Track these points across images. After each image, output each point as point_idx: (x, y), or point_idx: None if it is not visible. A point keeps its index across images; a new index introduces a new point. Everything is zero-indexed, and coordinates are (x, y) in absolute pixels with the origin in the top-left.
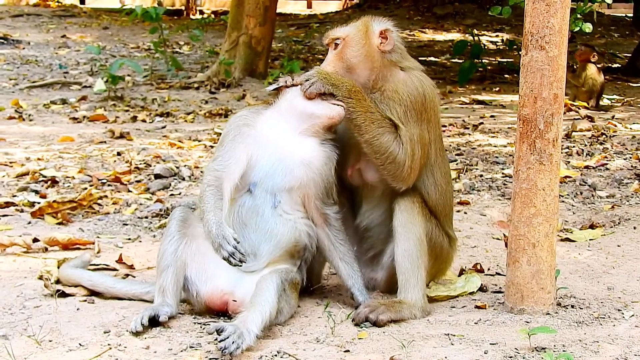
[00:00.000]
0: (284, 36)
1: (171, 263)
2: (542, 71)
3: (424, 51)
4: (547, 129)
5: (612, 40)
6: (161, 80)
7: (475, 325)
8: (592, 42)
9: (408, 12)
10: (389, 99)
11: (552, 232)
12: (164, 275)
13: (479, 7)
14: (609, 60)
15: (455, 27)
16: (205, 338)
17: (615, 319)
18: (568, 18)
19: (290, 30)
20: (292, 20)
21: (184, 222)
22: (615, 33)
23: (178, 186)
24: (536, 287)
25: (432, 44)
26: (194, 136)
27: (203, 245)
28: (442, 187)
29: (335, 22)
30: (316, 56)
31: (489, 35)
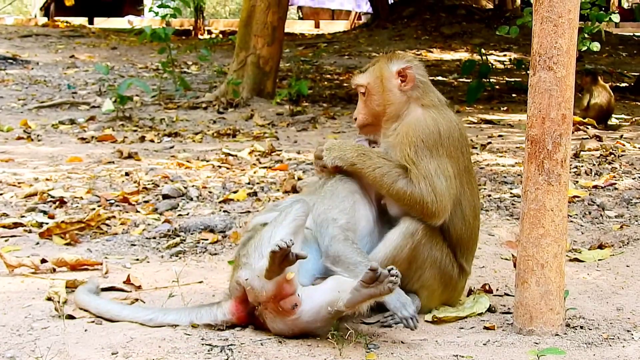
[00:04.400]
0: (291, 56)
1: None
2: (550, 92)
3: (432, 70)
4: (555, 150)
5: (620, 60)
6: (169, 100)
7: (484, 346)
8: (600, 61)
9: (416, 32)
10: (401, 143)
11: (561, 253)
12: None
13: (486, 26)
14: (616, 80)
15: (463, 46)
16: (212, 359)
17: (624, 339)
18: (576, 39)
19: (298, 50)
20: (299, 40)
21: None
22: (623, 52)
23: (186, 206)
24: (545, 308)
25: (440, 63)
26: (202, 156)
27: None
28: (469, 222)
29: (342, 41)
30: (324, 76)
31: (497, 55)
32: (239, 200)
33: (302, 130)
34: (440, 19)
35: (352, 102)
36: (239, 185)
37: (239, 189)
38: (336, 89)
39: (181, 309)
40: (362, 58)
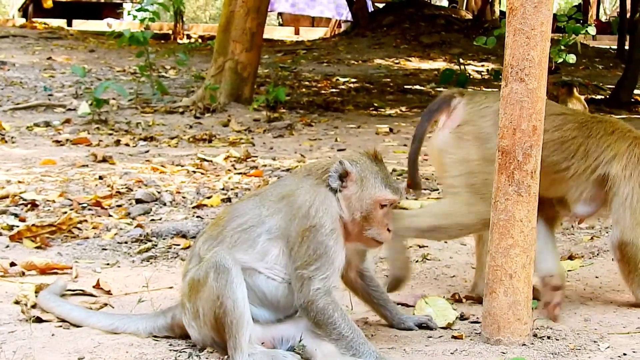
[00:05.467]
0: (270, 62)
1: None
2: (521, 103)
3: (410, 80)
4: (525, 161)
5: (597, 72)
6: (146, 104)
7: (452, 355)
8: (576, 73)
9: (395, 41)
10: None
11: (529, 263)
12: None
13: (465, 36)
14: (592, 92)
15: (442, 56)
16: None
17: (591, 350)
18: (548, 51)
19: (277, 56)
20: (279, 46)
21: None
22: (600, 65)
23: (159, 211)
24: (513, 317)
25: (418, 72)
26: (177, 161)
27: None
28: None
29: (322, 49)
30: (302, 83)
31: (475, 65)
32: (212, 206)
33: (278, 137)
34: (419, 28)
35: (329, 109)
36: (213, 191)
37: (213, 194)
38: (314, 96)
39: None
40: (341, 65)
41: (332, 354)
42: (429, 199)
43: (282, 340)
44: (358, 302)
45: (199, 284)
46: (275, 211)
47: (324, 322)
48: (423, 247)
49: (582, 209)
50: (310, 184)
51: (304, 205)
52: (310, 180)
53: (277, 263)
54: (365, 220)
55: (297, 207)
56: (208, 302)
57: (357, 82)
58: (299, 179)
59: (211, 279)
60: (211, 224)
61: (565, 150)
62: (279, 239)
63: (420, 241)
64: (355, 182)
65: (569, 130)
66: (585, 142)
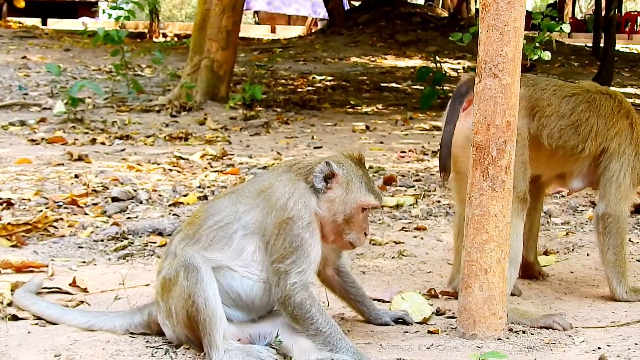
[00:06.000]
0: (246, 60)
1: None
2: (495, 99)
3: (386, 77)
4: (499, 156)
5: (572, 69)
6: (122, 103)
7: (428, 350)
8: (552, 71)
9: (371, 39)
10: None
11: (504, 258)
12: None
13: (441, 34)
14: None
15: (418, 53)
16: None
17: (565, 344)
18: (521, 47)
19: (254, 54)
20: (255, 44)
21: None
22: (575, 62)
23: (135, 209)
24: (488, 312)
25: (395, 70)
26: (153, 159)
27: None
28: None
29: (298, 47)
30: (278, 81)
31: (451, 63)
32: (189, 203)
33: (255, 135)
34: (395, 26)
35: (305, 107)
36: (189, 189)
37: (189, 192)
38: (290, 94)
39: (121, 315)
40: (317, 64)
41: (309, 350)
42: (405, 195)
43: (259, 337)
44: (334, 299)
45: (171, 283)
46: (252, 206)
47: (301, 317)
48: (399, 244)
49: (577, 184)
50: (289, 178)
51: (282, 197)
52: (290, 175)
53: (254, 260)
54: (345, 223)
55: (274, 199)
56: (180, 301)
57: (333, 80)
58: (278, 173)
59: (181, 278)
60: (187, 222)
61: (581, 134)
62: (255, 234)
63: (396, 237)
64: (341, 184)
65: (582, 112)
66: (596, 123)
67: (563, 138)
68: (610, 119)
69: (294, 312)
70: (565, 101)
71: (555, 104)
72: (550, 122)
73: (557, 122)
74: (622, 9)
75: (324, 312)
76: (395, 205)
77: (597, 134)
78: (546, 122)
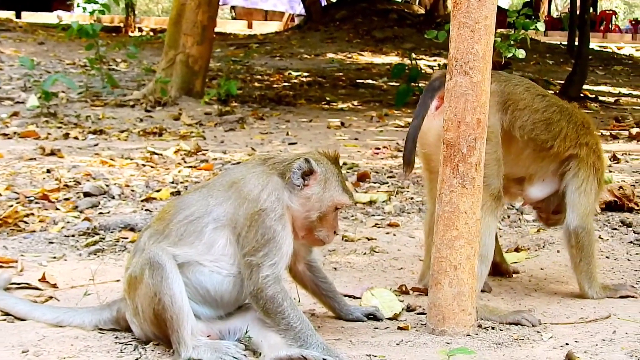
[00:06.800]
0: (222, 56)
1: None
2: (465, 96)
3: (362, 74)
4: (470, 153)
5: (547, 68)
6: (96, 97)
7: (397, 346)
8: (527, 68)
9: (347, 35)
10: None
11: (474, 255)
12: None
13: (417, 31)
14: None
15: (394, 50)
16: (125, 358)
17: (534, 340)
18: (492, 44)
19: (230, 50)
20: (231, 40)
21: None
22: (550, 60)
23: (107, 205)
24: (457, 308)
25: (371, 66)
26: (126, 154)
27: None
28: None
29: (274, 43)
30: (254, 76)
31: (427, 60)
32: (161, 199)
33: (229, 131)
34: (372, 22)
35: (281, 103)
36: (162, 184)
37: (163, 188)
38: (266, 89)
39: (90, 311)
40: (294, 59)
41: (278, 345)
42: (378, 192)
43: (229, 333)
44: (305, 295)
45: (137, 280)
46: (223, 199)
47: (272, 311)
48: (371, 240)
49: (535, 192)
50: (262, 171)
51: (255, 189)
52: (263, 168)
53: (224, 254)
54: (318, 220)
55: (247, 191)
56: (146, 299)
57: (309, 76)
58: (251, 166)
59: (147, 276)
60: (156, 217)
61: (552, 131)
62: (226, 227)
63: (369, 234)
64: (318, 182)
65: (555, 113)
66: (567, 126)
67: (535, 131)
68: (580, 128)
69: (265, 306)
70: (539, 98)
71: (529, 99)
72: (523, 114)
73: (530, 115)
74: (598, 7)
75: (295, 307)
76: (368, 202)
77: (567, 137)
78: (519, 114)
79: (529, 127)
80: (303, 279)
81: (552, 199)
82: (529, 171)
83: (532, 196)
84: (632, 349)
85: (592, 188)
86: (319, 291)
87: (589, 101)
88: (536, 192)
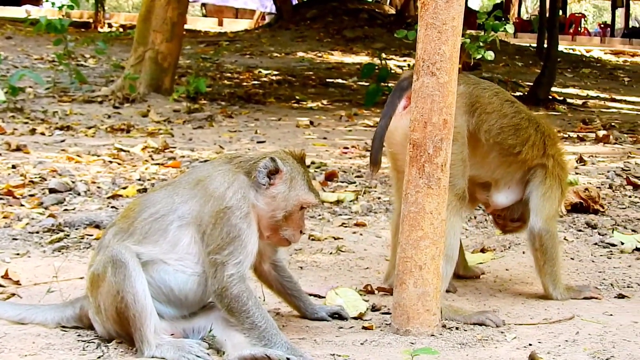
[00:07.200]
0: (192, 53)
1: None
2: (432, 97)
3: (332, 73)
4: (436, 154)
5: (516, 69)
6: (64, 93)
7: (361, 345)
8: (496, 70)
9: (318, 34)
10: None
11: (439, 255)
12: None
13: (388, 31)
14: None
15: (364, 50)
16: (87, 356)
17: (497, 340)
18: (459, 45)
19: (200, 47)
20: (201, 37)
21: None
22: (520, 62)
23: (73, 201)
24: (422, 309)
25: (341, 66)
26: (93, 151)
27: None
28: None
29: (245, 40)
30: (224, 74)
31: (397, 60)
32: (128, 196)
33: (198, 128)
34: (343, 22)
35: (250, 101)
36: (129, 182)
37: (129, 185)
38: (236, 87)
39: (53, 308)
40: (264, 58)
41: (242, 344)
42: (345, 191)
43: (193, 331)
44: (270, 294)
45: (99, 279)
46: (189, 197)
47: (237, 310)
48: (338, 239)
49: (501, 199)
50: (228, 169)
51: (221, 187)
52: (229, 166)
53: (189, 252)
54: (283, 220)
55: (212, 188)
56: (109, 298)
57: (279, 74)
58: (217, 164)
59: (109, 274)
60: (121, 215)
61: (520, 137)
62: (191, 225)
63: (336, 233)
64: (284, 181)
65: (523, 120)
66: (535, 135)
67: (502, 135)
68: (547, 139)
69: (230, 305)
70: (508, 104)
71: (497, 104)
72: (490, 118)
73: (498, 120)
74: (567, 10)
75: (260, 306)
76: (335, 201)
77: (535, 145)
78: (487, 118)
79: (496, 131)
80: (268, 278)
81: (516, 206)
82: (495, 176)
83: (497, 202)
84: (595, 349)
85: (556, 196)
86: (284, 290)
87: (557, 103)
88: (502, 199)
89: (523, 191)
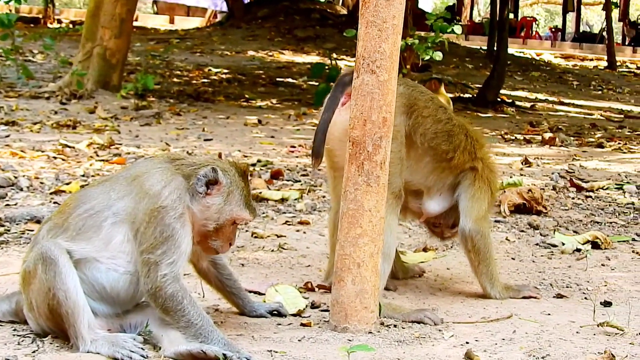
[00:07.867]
0: (142, 50)
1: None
2: (372, 95)
3: (283, 72)
4: (375, 152)
5: (466, 71)
6: (10, 88)
7: (299, 342)
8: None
9: (269, 33)
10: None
11: (377, 253)
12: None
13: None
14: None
15: (315, 50)
16: (22, 350)
17: (435, 338)
18: (399, 44)
19: (150, 44)
20: (152, 34)
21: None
22: (470, 64)
23: (15, 196)
24: (360, 306)
25: (291, 65)
26: (37, 146)
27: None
28: None
29: (195, 38)
30: (174, 72)
31: (348, 60)
32: (71, 192)
33: (145, 125)
34: (294, 21)
35: (199, 99)
36: (72, 177)
37: (73, 181)
38: (185, 85)
39: None
40: (214, 56)
41: (178, 340)
42: (290, 189)
43: (130, 327)
44: (210, 290)
45: (30, 275)
46: (125, 193)
47: (172, 309)
48: (281, 237)
49: (433, 206)
50: (167, 168)
51: (157, 185)
52: (169, 166)
53: (121, 251)
54: (214, 231)
55: (148, 185)
56: (40, 295)
57: (229, 73)
58: (157, 162)
59: (40, 271)
60: (57, 210)
61: (453, 143)
62: (125, 222)
63: (279, 231)
64: (221, 193)
65: (455, 126)
66: (465, 140)
67: (436, 140)
68: (476, 143)
69: (164, 304)
70: (442, 110)
71: (433, 109)
72: (426, 122)
73: (432, 125)
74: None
75: (195, 304)
76: (280, 199)
77: (465, 150)
78: (423, 121)
79: (430, 135)
80: (207, 275)
81: (449, 213)
82: (427, 183)
83: (430, 210)
84: (531, 348)
85: (486, 197)
86: (224, 288)
87: (505, 105)
88: (434, 206)
89: (454, 197)
